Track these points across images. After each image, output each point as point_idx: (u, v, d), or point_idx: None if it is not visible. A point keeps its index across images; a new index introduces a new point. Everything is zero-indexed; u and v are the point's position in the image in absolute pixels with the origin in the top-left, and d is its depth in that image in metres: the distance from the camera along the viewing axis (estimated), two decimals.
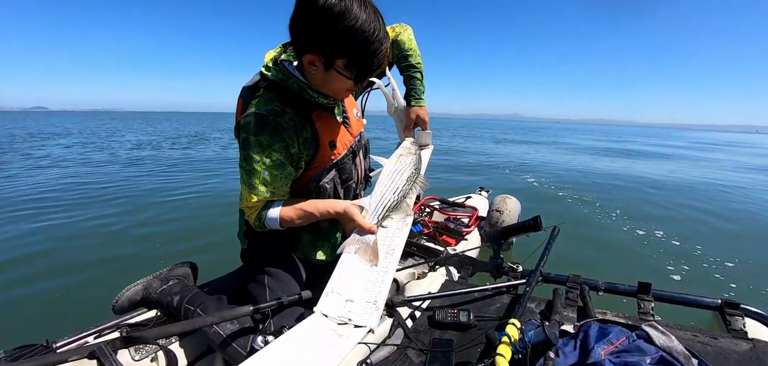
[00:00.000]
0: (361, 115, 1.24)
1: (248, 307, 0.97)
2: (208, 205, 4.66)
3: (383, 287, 0.94)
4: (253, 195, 0.97)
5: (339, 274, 0.96)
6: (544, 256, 1.36)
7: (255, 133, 0.93)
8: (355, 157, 1.16)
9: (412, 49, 1.31)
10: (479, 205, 2.78)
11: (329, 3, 0.79)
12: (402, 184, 1.08)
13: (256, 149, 0.93)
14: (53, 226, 3.70)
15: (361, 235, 1.02)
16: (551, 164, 9.54)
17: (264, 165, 0.95)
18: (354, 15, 0.80)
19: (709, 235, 3.99)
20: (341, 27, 0.80)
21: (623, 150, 15.88)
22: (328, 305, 0.89)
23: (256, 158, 0.94)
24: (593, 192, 5.98)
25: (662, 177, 8.04)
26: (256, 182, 0.96)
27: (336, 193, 1.11)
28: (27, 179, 6.07)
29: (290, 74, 0.96)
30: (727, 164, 11.49)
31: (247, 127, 0.94)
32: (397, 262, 1.02)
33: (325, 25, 0.81)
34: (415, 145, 1.16)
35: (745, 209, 5.23)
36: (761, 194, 6.45)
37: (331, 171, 1.08)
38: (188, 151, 11.02)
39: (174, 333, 1.00)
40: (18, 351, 0.91)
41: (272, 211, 1.00)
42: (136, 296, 1.20)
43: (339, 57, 0.86)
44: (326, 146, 1.05)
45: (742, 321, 1.05)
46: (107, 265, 2.83)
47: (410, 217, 1.12)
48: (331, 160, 1.08)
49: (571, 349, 0.94)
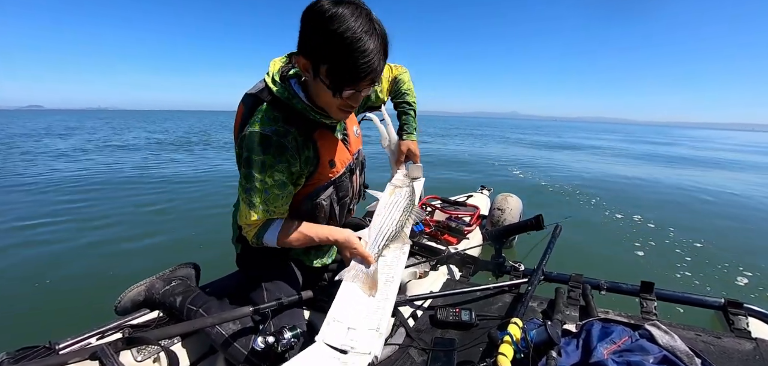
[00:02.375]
0: (360, 132, 1.25)
1: (248, 308, 0.97)
2: (211, 204, 4.67)
3: (385, 314, 0.94)
4: (253, 213, 0.96)
5: (340, 302, 0.96)
6: (546, 254, 1.36)
7: (258, 152, 0.92)
8: (353, 175, 1.17)
9: (409, 89, 1.40)
10: (481, 204, 2.77)
11: (322, 7, 0.79)
12: (399, 215, 1.14)
13: (258, 168, 0.93)
14: (53, 225, 3.72)
15: (361, 264, 1.04)
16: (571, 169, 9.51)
17: (266, 185, 0.94)
18: (342, 21, 0.78)
19: (713, 233, 3.98)
20: (327, 30, 0.79)
21: (644, 152, 15.81)
22: (330, 334, 0.88)
23: (257, 177, 0.93)
24: (593, 190, 5.96)
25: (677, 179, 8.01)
26: (256, 201, 0.95)
27: (332, 209, 1.11)
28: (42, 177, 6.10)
29: (295, 94, 0.96)
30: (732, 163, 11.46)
31: (251, 146, 0.93)
32: (397, 290, 1.04)
33: (312, 26, 0.81)
34: (407, 177, 1.22)
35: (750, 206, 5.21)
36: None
37: (328, 188, 1.08)
38: (188, 149, 11.04)
39: (175, 334, 1.00)
40: (20, 352, 0.92)
41: (270, 233, 1.00)
42: (138, 297, 1.20)
43: (321, 62, 0.83)
44: (326, 164, 1.04)
45: (745, 320, 1.04)
46: (108, 265, 2.84)
47: (407, 245, 1.17)
48: (330, 177, 1.07)
49: (574, 349, 0.93)
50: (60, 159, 8.72)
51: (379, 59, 0.85)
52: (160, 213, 4.28)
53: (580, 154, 12.56)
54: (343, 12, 0.78)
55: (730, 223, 4.42)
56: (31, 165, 7.72)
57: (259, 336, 0.88)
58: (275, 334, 0.89)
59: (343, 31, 0.78)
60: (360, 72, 0.82)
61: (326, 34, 0.79)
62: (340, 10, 0.78)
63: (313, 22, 0.80)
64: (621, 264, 3.09)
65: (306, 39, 0.84)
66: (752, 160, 12.82)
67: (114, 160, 8.72)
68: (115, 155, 9.60)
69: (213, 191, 5.48)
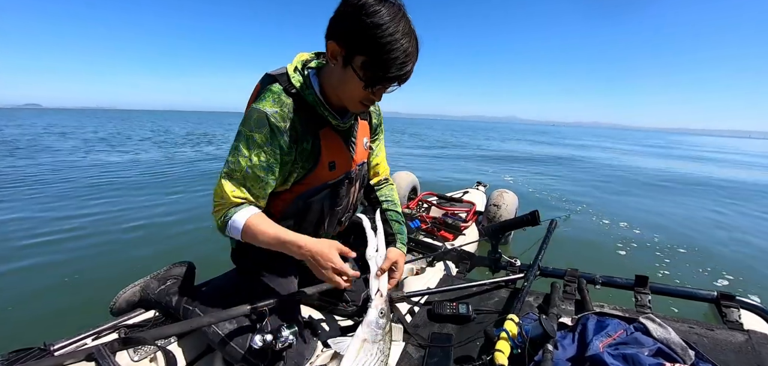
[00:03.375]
0: (369, 146, 1.20)
1: (246, 307, 0.96)
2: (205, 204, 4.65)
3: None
4: (228, 185, 0.92)
5: None
6: (541, 250, 1.37)
7: (251, 128, 0.91)
8: (352, 186, 1.14)
9: (398, 201, 1.29)
10: (477, 200, 2.78)
11: (368, 0, 0.80)
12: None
13: (246, 143, 0.91)
14: (50, 227, 3.68)
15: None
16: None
17: (250, 163, 0.92)
18: (388, 19, 0.79)
19: (707, 229, 4.03)
20: (369, 21, 0.79)
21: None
22: None
23: (244, 152, 0.92)
24: (592, 188, 6.00)
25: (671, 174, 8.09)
26: (236, 174, 0.92)
27: (322, 214, 1.09)
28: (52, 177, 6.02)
29: (309, 85, 0.95)
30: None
31: (247, 120, 0.92)
32: None
33: (354, 17, 0.81)
34: (385, 321, 0.89)
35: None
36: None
37: (323, 191, 1.05)
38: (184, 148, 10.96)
39: (172, 333, 0.99)
40: (15, 354, 0.90)
41: (240, 215, 0.92)
42: (133, 298, 1.19)
43: (359, 52, 0.84)
44: (325, 165, 1.02)
45: (737, 312, 1.06)
46: (105, 265, 2.82)
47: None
48: (327, 180, 1.05)
49: (570, 342, 0.94)
50: (53, 155, 8.63)
51: (413, 63, 0.87)
52: (154, 212, 4.25)
53: (579, 156, 12.63)
54: (390, 11, 0.80)
55: (727, 218, 4.47)
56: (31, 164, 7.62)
57: (257, 334, 0.87)
58: (273, 332, 0.89)
59: (387, 28, 0.79)
60: (396, 70, 0.83)
61: (370, 28, 0.79)
62: (385, 8, 0.80)
63: (357, 13, 0.80)
64: (616, 258, 3.12)
65: (344, 27, 0.84)
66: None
67: (103, 159, 8.64)
68: (104, 155, 9.50)
69: (212, 192, 5.45)
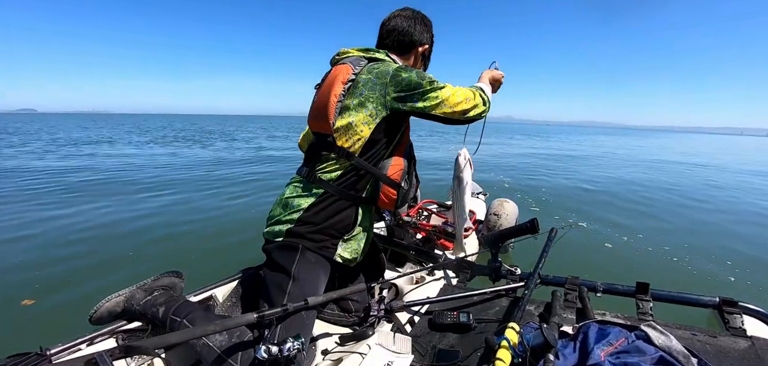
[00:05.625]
0: None
1: (253, 315, 0.92)
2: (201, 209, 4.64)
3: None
4: (451, 87, 1.15)
5: None
6: (542, 258, 1.36)
7: (408, 71, 1.12)
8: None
9: None
10: (477, 209, 2.78)
11: (425, 14, 1.31)
12: None
13: (418, 75, 1.11)
14: (50, 225, 3.67)
15: None
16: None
17: (429, 77, 1.15)
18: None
19: (707, 234, 4.02)
20: (431, 27, 1.32)
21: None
22: None
23: (425, 76, 1.11)
24: (590, 194, 6.00)
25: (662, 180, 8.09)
26: (438, 83, 1.12)
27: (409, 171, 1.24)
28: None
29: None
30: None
31: (401, 70, 1.11)
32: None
33: (429, 27, 1.31)
34: None
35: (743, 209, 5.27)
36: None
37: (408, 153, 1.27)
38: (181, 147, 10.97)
39: (174, 342, 0.98)
40: (12, 359, 0.90)
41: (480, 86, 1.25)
42: (116, 308, 1.13)
43: (431, 45, 1.33)
44: (407, 136, 1.26)
45: (740, 319, 1.05)
46: (101, 269, 2.81)
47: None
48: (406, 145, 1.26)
49: (571, 351, 0.94)
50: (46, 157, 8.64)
51: None
52: (152, 218, 4.24)
53: (579, 157, 12.66)
54: None
55: (728, 223, 4.46)
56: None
57: (263, 344, 0.85)
58: (279, 343, 0.86)
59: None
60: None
61: (431, 29, 1.32)
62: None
63: (427, 23, 1.30)
64: (617, 266, 3.10)
65: (427, 32, 1.30)
66: None
67: (92, 163, 8.64)
68: (90, 159, 9.47)
69: (212, 193, 5.45)
